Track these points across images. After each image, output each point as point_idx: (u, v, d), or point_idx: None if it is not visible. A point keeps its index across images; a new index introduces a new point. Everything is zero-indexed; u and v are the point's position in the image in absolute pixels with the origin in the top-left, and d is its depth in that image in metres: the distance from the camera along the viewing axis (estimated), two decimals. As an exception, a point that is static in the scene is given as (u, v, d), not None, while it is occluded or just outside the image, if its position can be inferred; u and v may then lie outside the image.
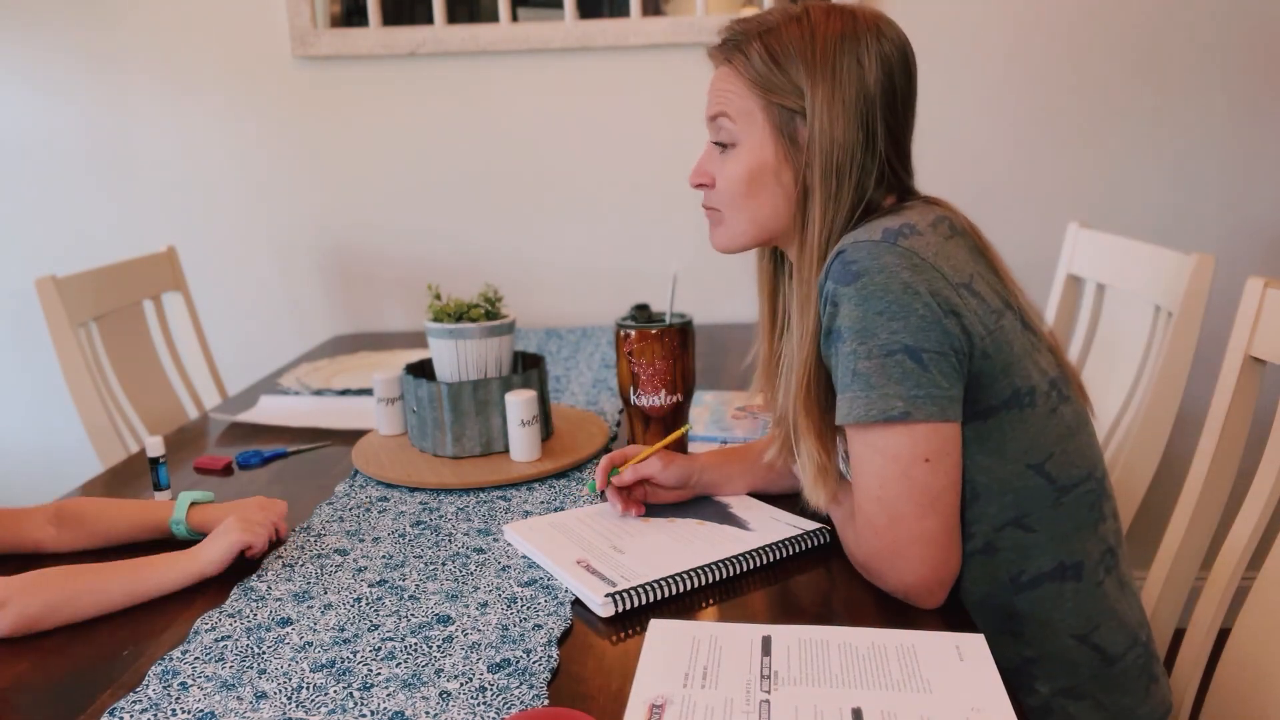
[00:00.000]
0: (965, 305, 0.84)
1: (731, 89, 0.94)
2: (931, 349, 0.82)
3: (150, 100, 2.15)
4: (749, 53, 0.92)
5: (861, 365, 0.83)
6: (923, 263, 0.83)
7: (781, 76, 0.90)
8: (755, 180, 0.94)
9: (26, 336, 2.23)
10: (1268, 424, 1.02)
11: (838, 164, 0.89)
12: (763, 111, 0.92)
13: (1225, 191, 2.06)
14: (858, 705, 0.71)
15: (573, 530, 1.02)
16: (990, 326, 0.85)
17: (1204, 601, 1.07)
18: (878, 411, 0.82)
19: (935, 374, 0.82)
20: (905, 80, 0.91)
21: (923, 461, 0.83)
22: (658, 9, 2.11)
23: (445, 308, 1.26)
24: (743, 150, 0.94)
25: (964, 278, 0.86)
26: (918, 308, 0.82)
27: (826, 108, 0.88)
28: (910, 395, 0.81)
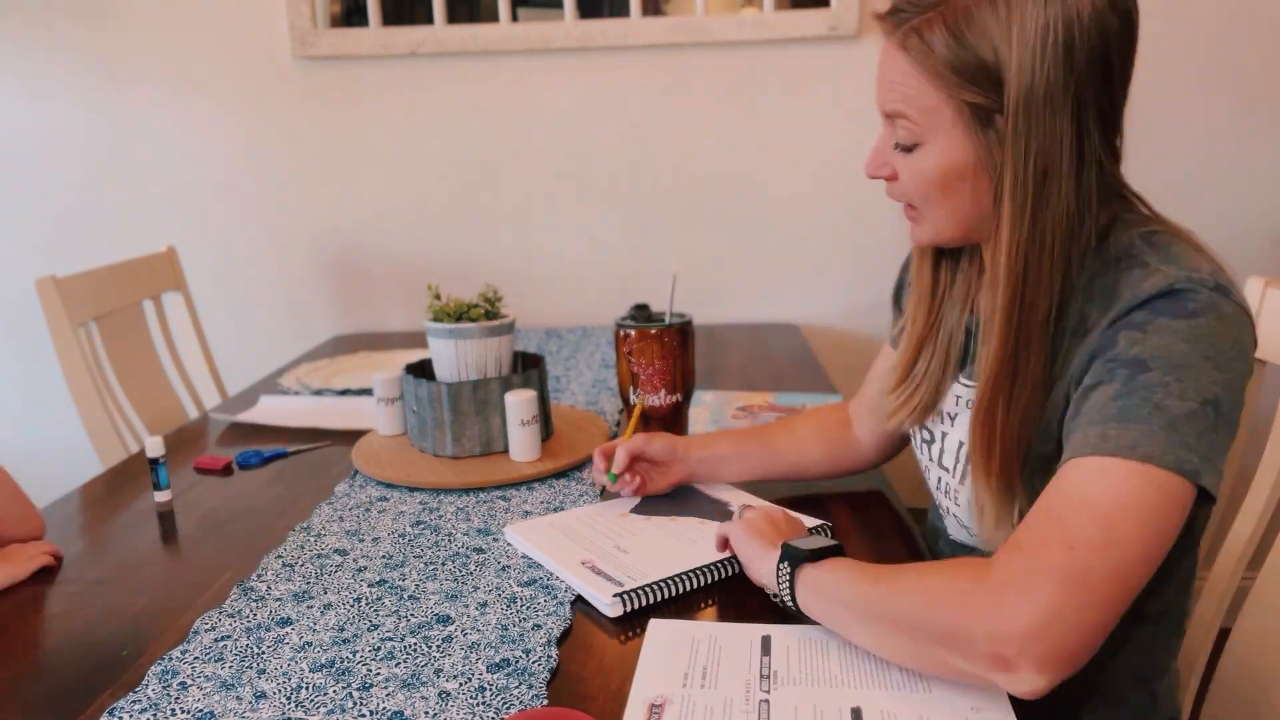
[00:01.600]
0: (1250, 374, 0.76)
1: (907, 82, 0.79)
2: (1228, 414, 0.72)
3: (151, 100, 2.15)
4: (930, 38, 0.76)
5: (1171, 402, 0.70)
6: (1248, 323, 0.75)
7: (972, 63, 0.75)
8: (949, 182, 0.81)
9: (26, 336, 2.23)
10: (1268, 424, 1.02)
11: (1039, 170, 0.76)
12: (951, 109, 0.78)
13: (1225, 191, 2.06)
14: (857, 705, 0.71)
15: (574, 531, 1.02)
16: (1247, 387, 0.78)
17: (1204, 601, 1.07)
18: (1174, 460, 0.68)
19: (1224, 442, 0.72)
20: (1124, 47, 0.76)
21: (1180, 510, 0.69)
22: (658, 9, 2.11)
23: (445, 308, 1.26)
24: (931, 151, 0.80)
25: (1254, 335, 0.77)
26: (1239, 368, 0.73)
27: (1027, 101, 0.74)
28: (1207, 455, 0.69)
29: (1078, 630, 0.64)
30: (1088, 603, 0.64)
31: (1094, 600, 0.65)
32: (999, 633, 0.65)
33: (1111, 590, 0.66)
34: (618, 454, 1.06)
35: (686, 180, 2.13)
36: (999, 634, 0.65)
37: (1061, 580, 0.65)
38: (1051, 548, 0.67)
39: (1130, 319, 0.74)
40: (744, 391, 1.55)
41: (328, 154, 2.16)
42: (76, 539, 1.11)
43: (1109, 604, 0.66)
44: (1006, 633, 0.64)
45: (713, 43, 2.05)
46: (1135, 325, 0.74)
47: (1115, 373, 0.73)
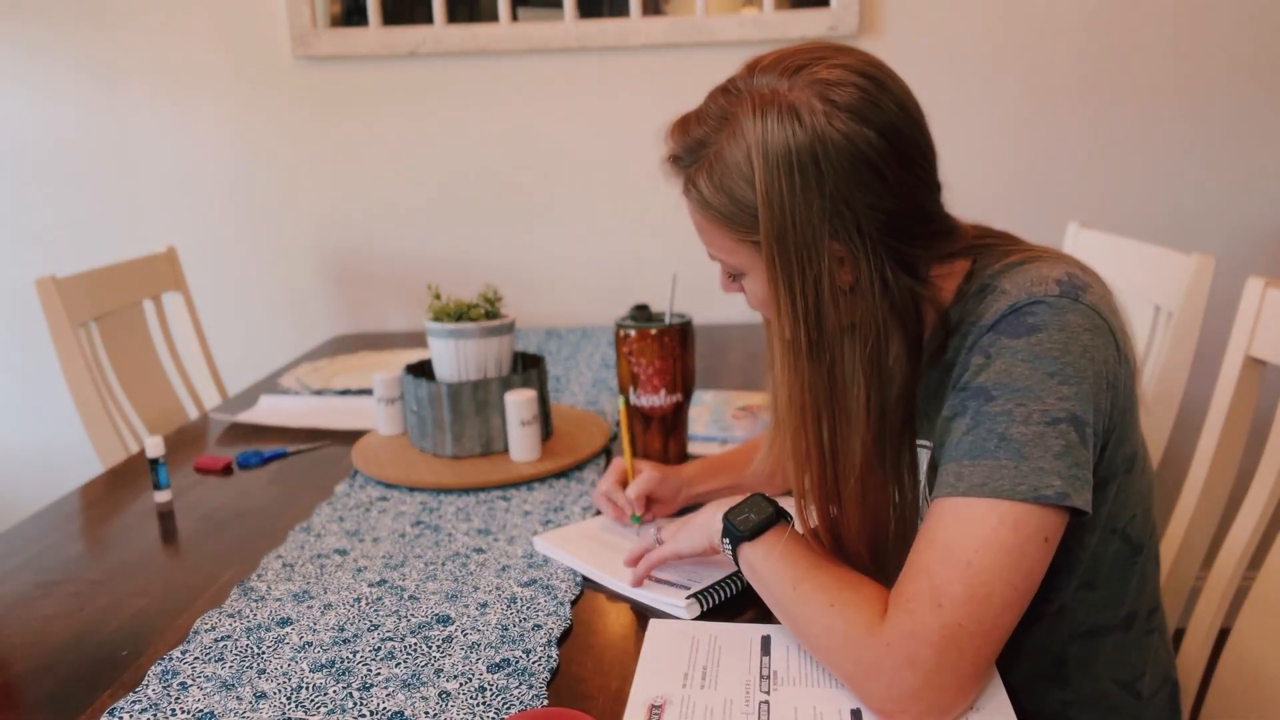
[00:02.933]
0: (1119, 376, 0.76)
1: (705, 228, 0.82)
2: (1092, 424, 0.72)
3: (150, 100, 2.15)
4: (700, 186, 0.79)
5: (1016, 430, 0.70)
6: (1103, 323, 0.74)
7: (736, 207, 0.77)
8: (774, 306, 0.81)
9: (26, 336, 2.23)
10: (1268, 424, 1.02)
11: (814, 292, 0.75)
12: (745, 247, 0.79)
13: (1225, 191, 2.06)
14: (856, 706, 0.71)
15: (608, 540, 1.01)
16: (1127, 396, 0.78)
17: (1204, 601, 1.07)
18: (1028, 488, 0.68)
19: (1087, 457, 0.71)
20: (890, 150, 0.74)
21: (1042, 540, 0.69)
22: (658, 9, 2.11)
23: (445, 308, 1.26)
24: (752, 280, 0.83)
25: (1123, 338, 0.77)
26: (1089, 375, 0.72)
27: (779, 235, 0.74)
28: (1069, 474, 0.69)
29: (954, 686, 0.68)
30: (959, 660, 0.68)
31: (965, 656, 0.68)
32: (885, 694, 0.69)
33: (981, 642, 0.68)
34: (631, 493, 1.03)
35: (686, 180, 2.12)
36: (885, 695, 0.69)
37: (934, 643, 0.67)
38: (923, 606, 0.68)
39: (980, 343, 0.75)
40: (744, 391, 1.55)
41: (327, 154, 2.16)
42: (76, 539, 1.11)
43: (980, 654, 0.68)
44: (890, 695, 0.69)
45: (713, 43, 2.05)
46: (981, 350, 0.74)
47: (966, 405, 0.74)
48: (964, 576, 0.68)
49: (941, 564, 0.69)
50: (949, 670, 0.67)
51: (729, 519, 0.83)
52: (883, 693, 0.69)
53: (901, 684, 0.68)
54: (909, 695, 0.68)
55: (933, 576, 0.69)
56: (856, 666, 0.70)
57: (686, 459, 1.24)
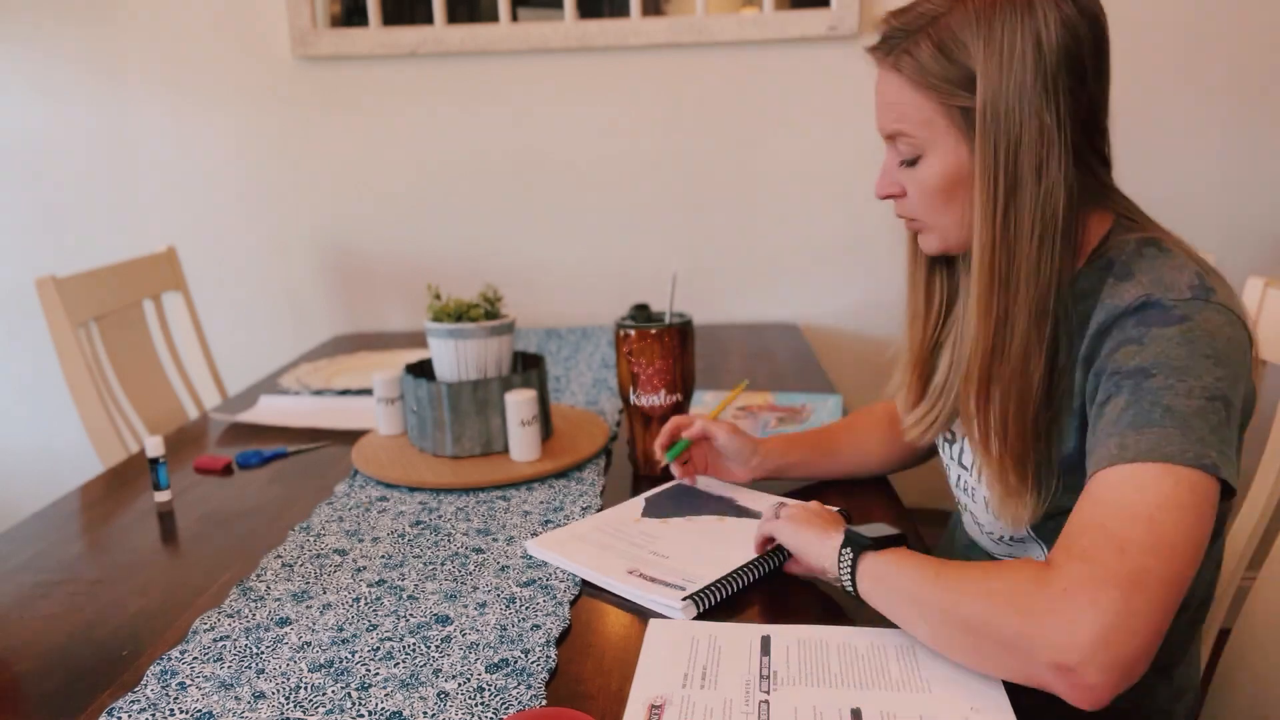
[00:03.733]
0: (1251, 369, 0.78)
1: (904, 100, 0.85)
2: (1236, 408, 0.74)
3: (150, 100, 2.15)
4: (917, 53, 0.83)
5: (1179, 402, 0.72)
6: (1238, 320, 0.77)
7: (956, 71, 0.81)
8: (953, 190, 0.85)
9: (26, 336, 2.23)
10: (1268, 424, 1.02)
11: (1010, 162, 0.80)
12: (944, 118, 0.83)
13: (1225, 191, 2.06)
14: (857, 705, 0.71)
15: (601, 541, 1.00)
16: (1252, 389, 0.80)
17: (1204, 602, 1.07)
18: (1193, 455, 0.70)
19: (1233, 436, 0.74)
20: (1094, 50, 0.82)
21: (1211, 509, 0.70)
22: (658, 9, 2.11)
23: (445, 308, 1.26)
24: (933, 160, 0.85)
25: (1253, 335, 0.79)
26: (1238, 361, 0.75)
27: (994, 97, 0.80)
28: (1222, 450, 0.71)
29: (1141, 635, 0.65)
30: (1147, 606, 0.65)
31: (1153, 603, 0.65)
32: (1064, 641, 0.65)
33: (1167, 592, 0.66)
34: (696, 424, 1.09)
35: (686, 180, 2.13)
36: (1063, 643, 0.65)
37: (1121, 585, 0.65)
38: (1106, 553, 0.67)
39: (1125, 333, 0.77)
40: (744, 391, 1.55)
41: (328, 154, 2.16)
42: (76, 539, 1.11)
43: (1166, 605, 0.66)
44: (1071, 641, 0.65)
45: (713, 43, 2.05)
46: (1132, 339, 0.77)
47: (1122, 385, 0.75)
48: (1148, 528, 0.68)
49: (1120, 521, 0.69)
50: (1138, 616, 0.65)
51: (852, 531, 0.82)
52: (1063, 639, 0.65)
53: (1085, 629, 0.64)
54: (1094, 641, 0.64)
55: (1109, 530, 0.68)
56: (1028, 619, 0.67)
57: (686, 459, 1.24)
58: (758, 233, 2.13)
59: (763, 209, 2.12)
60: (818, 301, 2.15)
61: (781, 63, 2.06)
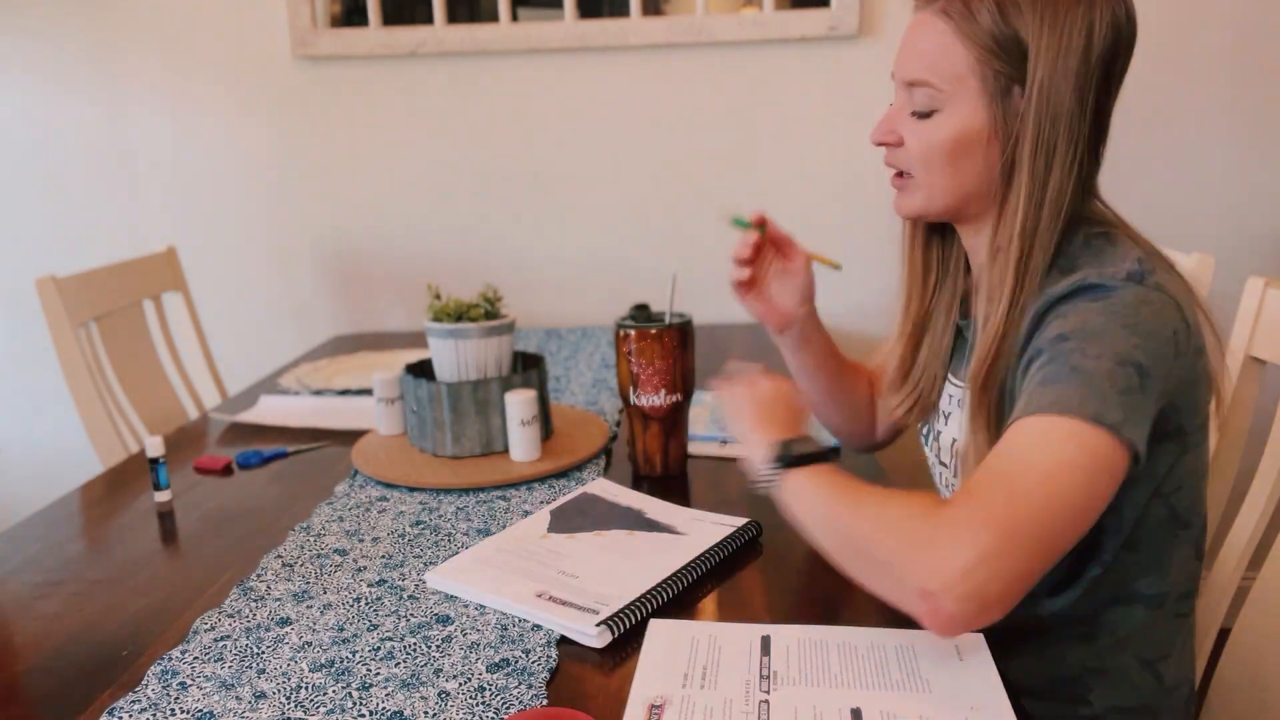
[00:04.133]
0: (1188, 350, 0.79)
1: (941, 48, 0.83)
2: (1154, 378, 0.75)
3: (150, 100, 2.15)
4: (975, 7, 0.81)
5: (1087, 363, 0.74)
6: (1170, 299, 0.78)
7: (1009, 38, 0.80)
8: (959, 151, 0.84)
9: (26, 336, 2.23)
10: (1268, 424, 1.02)
11: (1050, 142, 0.81)
12: (977, 77, 0.82)
13: (1225, 191, 2.05)
14: (857, 705, 0.71)
15: (505, 562, 0.95)
16: (1191, 373, 0.81)
17: (1204, 601, 1.07)
18: (1092, 410, 0.71)
19: (1147, 404, 0.75)
20: (1128, 51, 0.84)
21: (1110, 475, 0.72)
22: (658, 9, 2.11)
23: (445, 308, 1.26)
24: (948, 118, 0.84)
25: (1192, 320, 0.80)
26: (1161, 335, 0.76)
27: (1050, 75, 0.79)
28: (1129, 411, 0.72)
29: (1003, 578, 0.68)
30: (1016, 552, 0.68)
31: (1022, 551, 0.68)
32: (932, 568, 0.68)
33: (1041, 545, 0.70)
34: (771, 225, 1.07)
35: (686, 180, 2.13)
36: (931, 570, 0.68)
37: (1000, 528, 0.68)
38: (996, 498, 0.70)
39: (1055, 312, 0.80)
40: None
41: (328, 154, 2.16)
42: (76, 539, 1.11)
43: (1035, 556, 0.69)
44: (938, 569, 0.68)
45: (713, 43, 2.05)
46: (1059, 314, 0.79)
47: (1042, 351, 0.78)
48: (1041, 483, 0.70)
49: (1019, 472, 0.71)
50: (1006, 560, 0.67)
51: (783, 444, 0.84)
52: (930, 566, 0.68)
53: (953, 559, 0.67)
54: (957, 572, 0.67)
55: (1008, 479, 0.71)
56: (905, 543, 0.71)
57: (687, 460, 1.24)
58: (758, 233, 2.13)
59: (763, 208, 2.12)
60: (818, 301, 2.14)
61: (781, 63, 2.05)
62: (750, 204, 2.15)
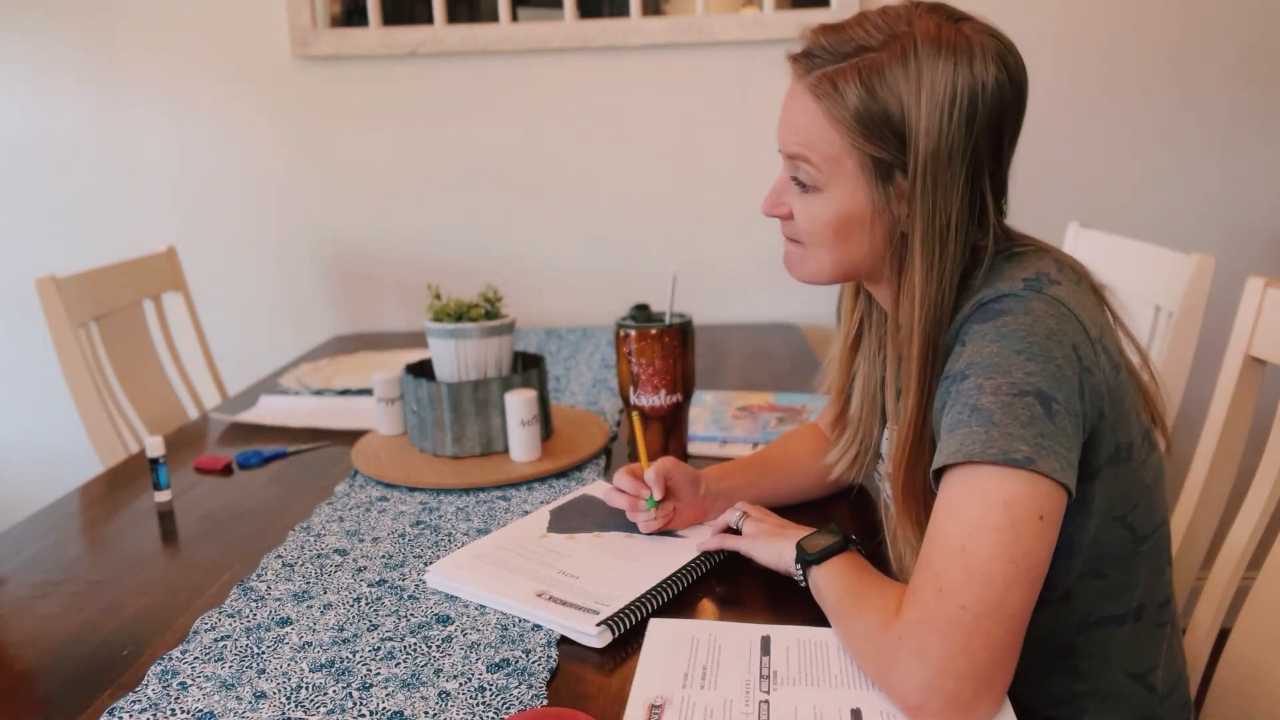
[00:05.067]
0: (1097, 363, 0.76)
1: (815, 130, 0.81)
2: (1062, 403, 0.72)
3: (150, 100, 2.15)
4: (843, 88, 0.78)
5: (985, 400, 0.72)
6: (1068, 312, 0.76)
7: (880, 119, 0.77)
8: (843, 228, 0.83)
9: (26, 336, 2.23)
10: (1268, 424, 1.02)
11: (943, 224, 0.78)
12: (854, 160, 0.80)
13: (1225, 191, 2.05)
14: (857, 706, 0.71)
15: (506, 561, 0.95)
16: (1111, 384, 0.78)
17: (1204, 601, 1.07)
18: (998, 451, 0.69)
19: (1060, 431, 0.72)
20: (1017, 117, 0.80)
21: (1036, 519, 0.69)
22: (658, 9, 2.11)
23: (445, 308, 1.26)
24: (829, 197, 0.82)
25: (1097, 331, 0.78)
26: (1058, 356, 0.73)
27: (932, 165, 0.76)
28: (1035, 442, 0.70)
29: (969, 674, 0.66)
30: (969, 645, 0.66)
31: (974, 640, 0.66)
32: (902, 690, 0.68)
33: (990, 624, 0.67)
34: (649, 477, 0.99)
35: (686, 180, 2.13)
36: (902, 691, 0.68)
37: (940, 629, 0.67)
38: (927, 595, 0.69)
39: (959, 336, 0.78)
40: (744, 391, 1.55)
41: (328, 154, 2.16)
42: (76, 539, 1.11)
43: (991, 637, 0.67)
44: (908, 689, 0.68)
45: (713, 43, 2.05)
46: (961, 341, 0.78)
47: (948, 391, 0.76)
48: (960, 561, 0.68)
49: (940, 553, 0.70)
50: (960, 656, 0.66)
51: (801, 545, 0.85)
52: (901, 686, 0.68)
53: (915, 676, 0.67)
54: (923, 687, 0.67)
55: (933, 566, 0.70)
56: (877, 664, 0.71)
57: (687, 459, 1.24)
58: (758, 233, 2.13)
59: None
60: (817, 301, 2.15)
61: (781, 63, 2.05)
62: (750, 204, 2.15)
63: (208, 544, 1.06)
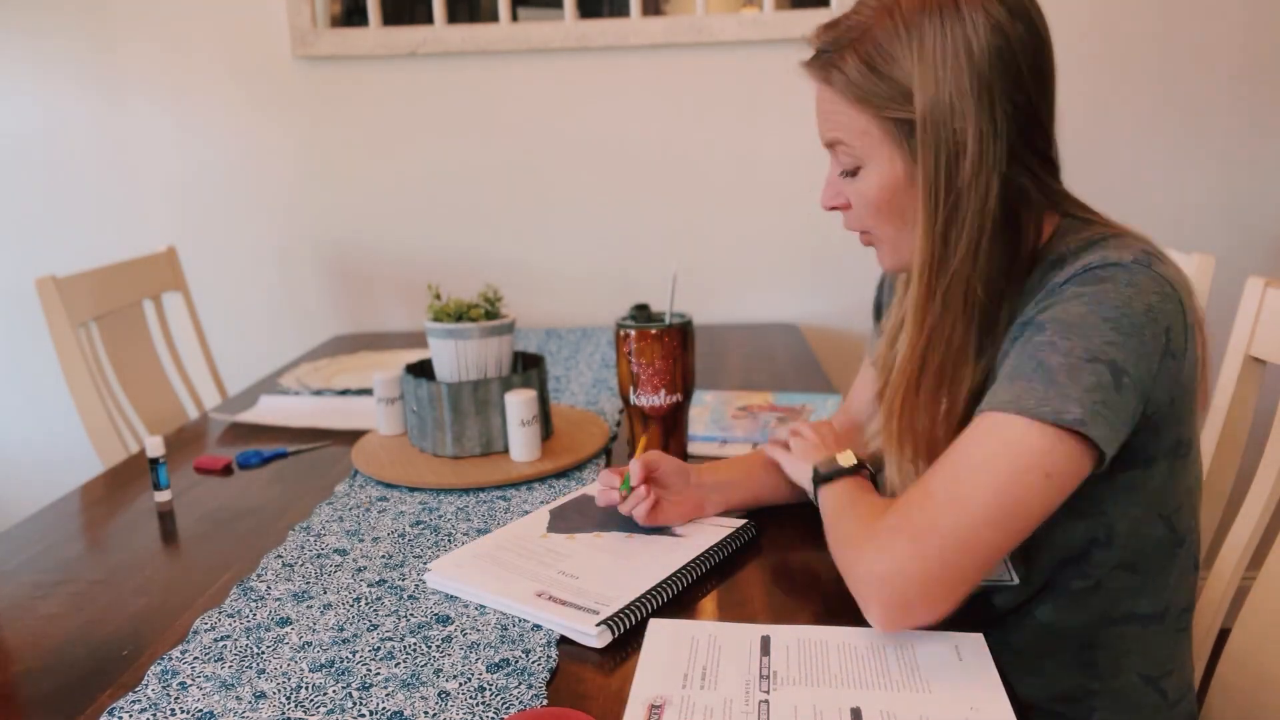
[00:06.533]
0: (1185, 351, 0.77)
1: (837, 111, 0.85)
2: (1134, 380, 0.73)
3: (150, 100, 2.15)
4: (845, 67, 0.82)
5: (1053, 359, 0.73)
6: (1173, 293, 0.76)
7: (886, 84, 0.80)
8: (891, 199, 0.85)
9: (26, 336, 2.23)
10: (1268, 424, 1.02)
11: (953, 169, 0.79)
12: (878, 127, 0.82)
13: (1225, 191, 2.06)
14: (857, 705, 0.71)
15: (506, 560, 0.95)
16: (1190, 376, 0.79)
17: (1204, 601, 1.07)
18: (1049, 410, 0.71)
19: (1122, 404, 0.72)
20: (1031, 52, 0.80)
21: (1043, 474, 0.71)
22: (658, 9, 2.11)
23: (445, 308, 1.26)
24: (871, 171, 0.85)
25: (1194, 319, 0.78)
26: (1146, 334, 0.73)
27: (933, 108, 0.78)
28: (1092, 407, 0.71)
29: (916, 582, 0.72)
30: (927, 554, 0.71)
31: (931, 554, 0.71)
32: (860, 575, 0.75)
33: (954, 547, 0.71)
34: (633, 466, 1.00)
35: (686, 180, 2.13)
36: (860, 576, 0.75)
37: (910, 534, 0.73)
38: (912, 505, 0.74)
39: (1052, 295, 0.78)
40: (744, 391, 1.55)
41: (328, 154, 2.17)
42: (76, 539, 1.11)
43: (949, 560, 0.71)
44: (865, 576, 0.75)
45: (713, 43, 2.05)
46: (1050, 299, 0.78)
47: (1021, 334, 0.78)
48: (952, 486, 0.73)
49: (938, 474, 0.74)
50: (916, 560, 0.71)
51: (816, 465, 0.91)
52: (858, 573, 0.75)
53: (873, 568, 0.73)
54: (877, 580, 0.73)
55: (927, 484, 0.74)
56: (848, 552, 0.77)
57: (687, 459, 1.24)
58: (758, 233, 2.13)
59: (763, 209, 2.12)
60: (817, 301, 2.15)
61: (781, 63, 2.05)
62: (750, 203, 2.15)
63: (208, 544, 1.06)
